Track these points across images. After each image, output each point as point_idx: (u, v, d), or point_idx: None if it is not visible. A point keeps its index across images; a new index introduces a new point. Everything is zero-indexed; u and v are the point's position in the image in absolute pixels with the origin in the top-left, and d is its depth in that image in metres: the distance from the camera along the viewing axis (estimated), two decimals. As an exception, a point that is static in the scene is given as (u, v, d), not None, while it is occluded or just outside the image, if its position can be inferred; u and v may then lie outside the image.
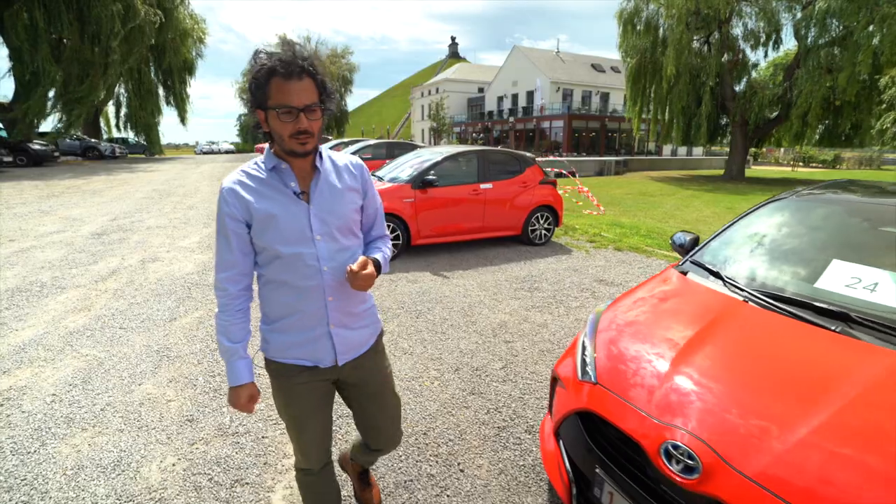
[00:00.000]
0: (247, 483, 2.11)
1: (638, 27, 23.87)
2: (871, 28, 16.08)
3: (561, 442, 1.84)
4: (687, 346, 1.71)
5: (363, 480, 1.94)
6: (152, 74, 29.60)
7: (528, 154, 7.29)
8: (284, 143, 1.23)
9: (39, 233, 7.03)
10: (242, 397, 1.36)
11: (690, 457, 1.32)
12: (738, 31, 22.52)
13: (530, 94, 41.89)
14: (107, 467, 2.18)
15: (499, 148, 7.54)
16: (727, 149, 26.52)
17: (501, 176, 6.52)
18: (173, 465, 2.21)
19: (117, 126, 31.93)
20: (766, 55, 23.37)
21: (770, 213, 2.57)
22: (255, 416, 2.59)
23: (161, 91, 31.07)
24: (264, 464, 2.23)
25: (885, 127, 16.90)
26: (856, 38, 16.64)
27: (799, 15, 20.33)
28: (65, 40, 20.05)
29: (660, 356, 1.70)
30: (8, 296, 4.35)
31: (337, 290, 1.36)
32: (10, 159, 18.01)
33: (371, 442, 1.65)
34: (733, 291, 2.02)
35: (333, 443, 2.28)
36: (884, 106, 16.70)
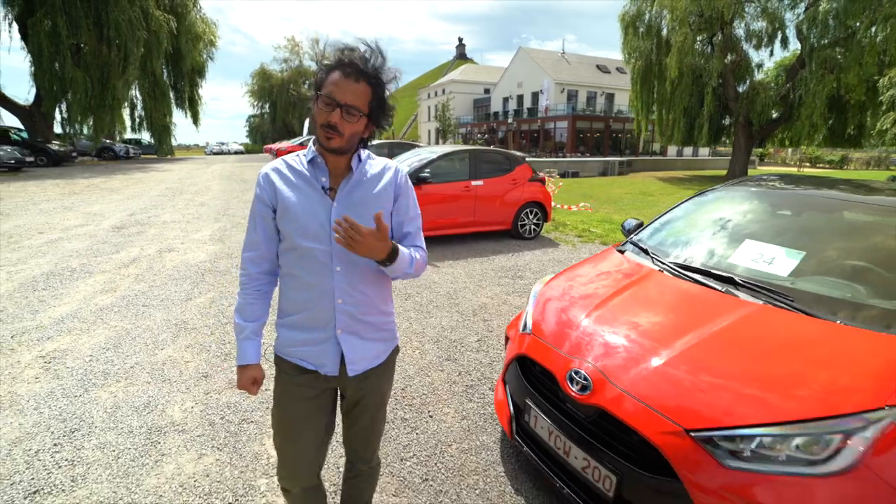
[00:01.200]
0: (252, 421, 2.57)
1: (640, 29, 24.09)
2: (873, 29, 16.23)
3: (507, 386, 2.28)
4: (601, 302, 2.14)
5: None
6: (165, 77, 30.39)
7: (519, 153, 7.72)
8: (316, 131, 1.27)
9: (65, 226, 7.59)
10: (245, 378, 1.35)
11: (585, 379, 1.75)
12: (741, 31, 22.66)
13: (535, 95, 42.20)
14: (138, 407, 2.65)
15: (491, 147, 7.96)
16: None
17: (492, 174, 6.95)
18: (192, 407, 2.68)
19: (132, 128, 32.82)
20: (771, 54, 23.54)
21: (702, 201, 2.98)
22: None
23: (172, 93, 31.86)
24: (266, 408, 2.68)
25: (884, 127, 17.06)
26: (858, 37, 16.80)
27: (802, 16, 20.47)
28: (83, 45, 20.76)
29: (579, 310, 2.13)
30: (44, 279, 4.86)
31: (348, 293, 1.31)
32: (31, 159, 18.76)
33: (351, 451, 1.57)
34: (655, 263, 2.44)
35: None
36: (883, 107, 16.87)
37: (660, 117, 24.96)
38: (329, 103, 1.20)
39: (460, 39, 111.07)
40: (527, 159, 7.62)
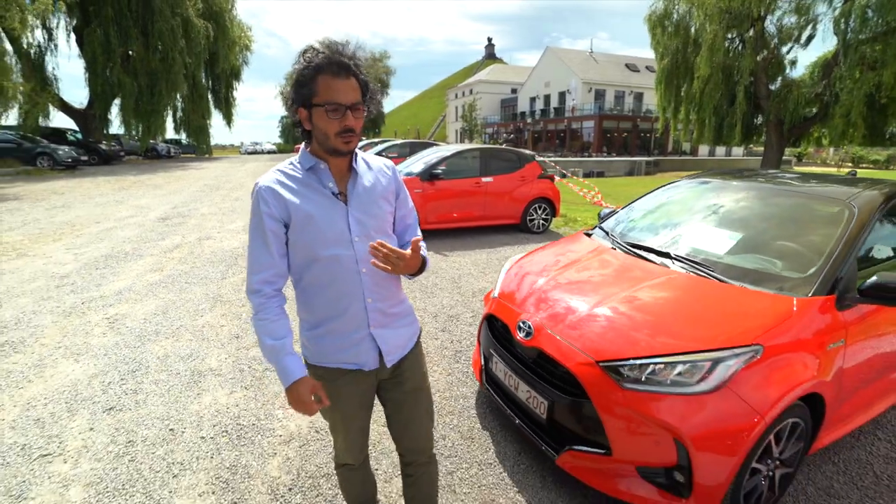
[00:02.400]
0: (272, 369, 3.11)
1: (668, 28, 23.82)
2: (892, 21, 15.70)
3: (480, 342, 2.73)
4: (557, 272, 2.57)
5: None
6: (203, 80, 31.99)
7: (528, 151, 8.11)
8: (329, 142, 1.23)
9: (117, 217, 8.47)
10: (304, 391, 1.26)
11: (529, 327, 2.20)
12: (773, 28, 22.10)
13: (562, 95, 42.08)
14: (183, 357, 3.24)
15: (502, 146, 8.36)
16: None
17: (502, 171, 7.37)
18: (225, 358, 3.25)
19: (175, 129, 34.69)
20: (805, 48, 22.67)
21: (664, 191, 3.35)
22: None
23: (210, 96, 33.47)
24: (286, 361, 3.23)
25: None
26: (893, 27, 16.26)
27: (838, 10, 19.85)
28: (131, 53, 22.25)
29: (536, 277, 2.57)
30: (103, 260, 5.62)
31: (375, 292, 1.35)
32: (85, 158, 20.32)
33: (403, 445, 1.58)
34: (612, 243, 2.84)
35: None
36: (921, 104, 16.26)
37: (687, 116, 24.59)
38: (336, 109, 1.19)
39: (489, 39, 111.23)
40: (552, 159, 7.99)
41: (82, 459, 2.24)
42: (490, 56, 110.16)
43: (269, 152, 47.13)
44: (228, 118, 34.22)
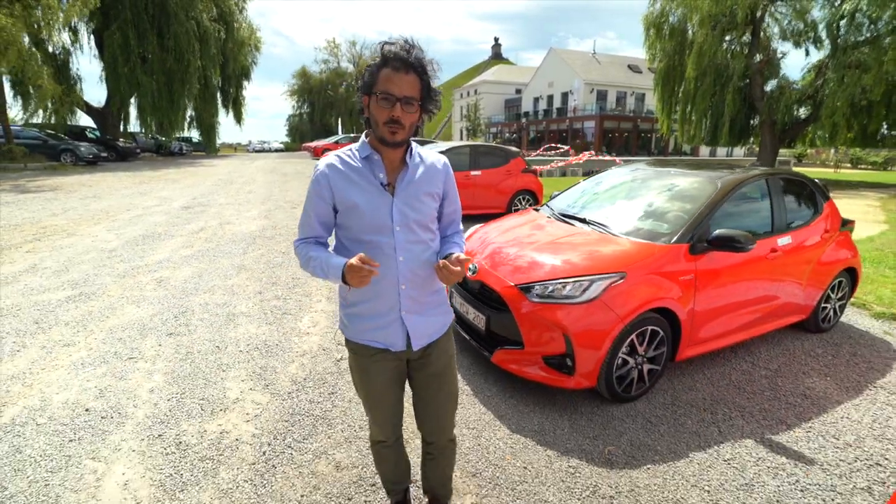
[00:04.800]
0: (289, 314, 4.00)
1: (664, 31, 24.42)
2: (882, 27, 16.36)
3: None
4: (503, 232, 3.43)
5: None
6: (214, 80, 33.07)
7: (514, 148, 8.97)
8: (378, 129, 1.33)
9: (145, 206, 9.43)
10: (354, 268, 1.26)
11: (475, 267, 3.07)
12: (772, 30, 22.63)
13: (565, 95, 42.81)
14: (220, 304, 4.15)
15: (491, 143, 9.21)
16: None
17: (489, 165, 8.24)
18: (253, 306, 4.15)
19: (185, 127, 35.80)
20: (806, 53, 23.16)
21: (603, 175, 4.21)
22: (294, 292, 4.48)
23: (220, 95, 34.53)
24: (299, 308, 4.12)
25: (904, 127, 17.09)
26: (882, 34, 16.92)
27: (831, 14, 20.44)
28: (148, 55, 23.31)
29: (488, 236, 3.44)
30: (141, 239, 6.56)
31: (409, 280, 1.43)
32: (105, 155, 21.42)
33: (426, 427, 1.67)
34: (551, 214, 3.71)
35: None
36: (905, 106, 16.91)
37: (682, 117, 25.22)
38: (388, 99, 1.28)
39: (496, 39, 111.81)
40: (554, 157, 8.84)
41: (158, 360, 3.14)
42: (496, 56, 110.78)
43: (276, 150, 48.25)
44: (238, 117, 35.17)
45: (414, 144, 1.46)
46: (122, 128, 26.86)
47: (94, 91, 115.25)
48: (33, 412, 2.56)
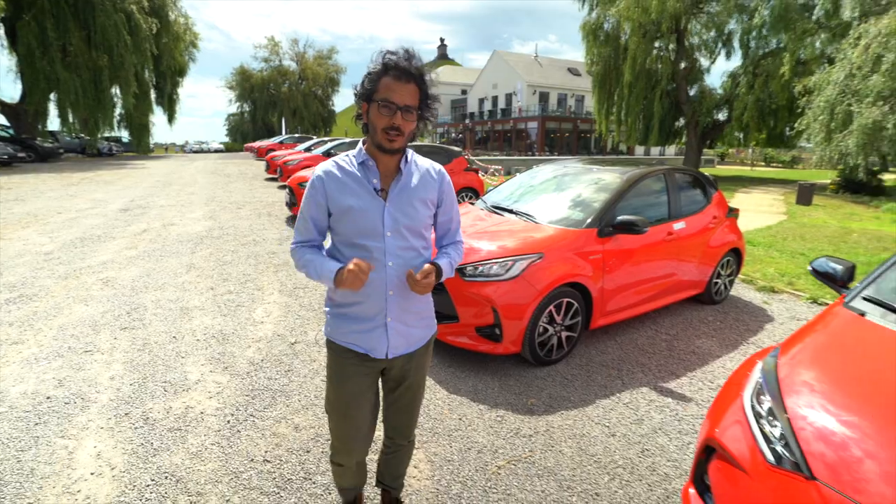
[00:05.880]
0: (243, 306, 4.19)
1: (600, 37, 25.86)
2: (783, 42, 18.46)
3: None
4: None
5: None
6: (146, 76, 31.29)
7: (456, 148, 9.44)
8: (377, 136, 1.35)
9: (78, 209, 9.02)
10: (348, 270, 1.30)
11: None
12: (694, 39, 24.60)
13: (509, 97, 44.13)
14: (172, 300, 4.26)
15: (436, 143, 9.63)
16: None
17: (434, 164, 8.63)
18: (206, 301, 4.29)
19: (113, 126, 33.55)
20: (713, 62, 25.37)
21: (533, 170, 4.72)
22: (247, 287, 4.66)
23: (154, 93, 32.71)
24: (252, 301, 4.31)
25: (801, 129, 19.30)
26: (782, 47, 19.02)
27: (742, 28, 22.61)
28: (70, 47, 21.76)
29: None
30: (79, 241, 6.38)
31: (397, 286, 1.42)
32: (22, 155, 19.79)
33: (390, 427, 1.69)
34: (484, 207, 4.14)
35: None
36: (800, 111, 19.10)
37: (618, 119, 26.86)
38: (389, 107, 1.31)
39: (442, 40, 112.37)
40: (499, 158, 9.32)
41: (115, 352, 3.27)
42: (443, 57, 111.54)
43: (216, 151, 46.22)
44: (171, 115, 33.49)
45: (410, 151, 1.49)
46: (40, 126, 24.84)
47: (7, 86, 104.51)
48: (-8, 403, 2.65)
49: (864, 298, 1.94)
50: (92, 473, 2.13)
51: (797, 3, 18.05)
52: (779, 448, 1.40)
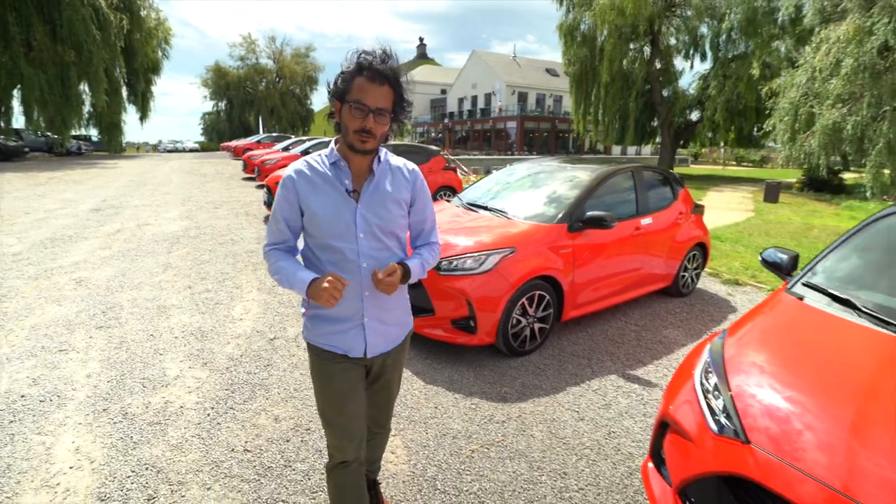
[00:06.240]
0: (221, 304, 4.20)
1: (577, 38, 26.25)
2: (751, 46, 19.15)
3: None
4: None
5: (374, 497, 1.89)
6: (117, 73, 30.42)
7: (434, 147, 9.54)
8: (348, 137, 1.34)
9: (47, 209, 8.78)
10: (321, 283, 1.29)
11: None
12: (670, 41, 25.19)
13: (488, 97, 44.43)
14: (150, 299, 4.24)
15: (415, 143, 9.71)
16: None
17: (413, 163, 8.71)
18: (183, 299, 4.29)
19: (82, 124, 32.52)
20: (692, 66, 26.15)
21: (508, 168, 4.85)
22: (225, 285, 4.66)
23: (126, 90, 31.84)
24: (231, 299, 4.32)
25: (768, 130, 20.07)
26: (749, 51, 19.71)
27: (712, 32, 23.30)
28: (34, 42, 21.01)
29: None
30: (49, 241, 6.25)
31: (373, 287, 1.41)
32: (-15, 154, 19.06)
33: (370, 418, 1.67)
34: (460, 204, 4.25)
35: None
36: (767, 112, 19.85)
37: (595, 119, 27.33)
38: (361, 109, 1.29)
39: (421, 39, 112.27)
40: (480, 157, 9.45)
41: (91, 350, 3.26)
42: (422, 56, 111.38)
43: (191, 150, 45.20)
44: (145, 114, 32.69)
45: (383, 151, 1.48)
46: (3, 124, 23.91)
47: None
48: (-36, 403, 2.63)
49: (804, 284, 2.12)
50: (71, 467, 2.15)
51: (763, 9, 18.71)
52: (722, 419, 1.55)
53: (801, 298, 2.04)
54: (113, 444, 2.31)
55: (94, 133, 33.59)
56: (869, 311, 1.81)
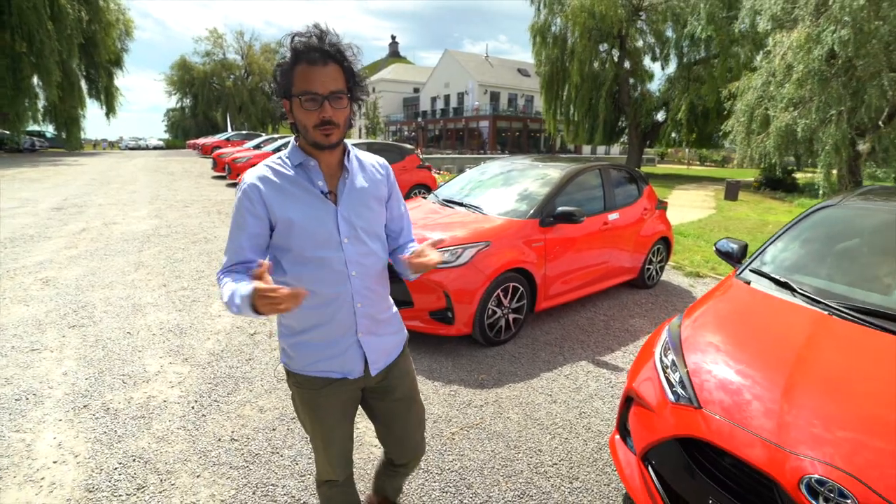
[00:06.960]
0: (198, 301, 4.19)
1: (548, 39, 26.72)
2: (712, 49, 20.00)
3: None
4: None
5: None
6: (74, 66, 29.08)
7: (409, 146, 9.63)
8: (309, 134, 1.18)
9: (2, 207, 8.40)
10: (261, 293, 0.99)
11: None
12: (638, 43, 25.94)
13: (461, 96, 44.69)
14: (123, 298, 4.18)
15: (389, 141, 9.77)
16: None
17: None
18: (159, 297, 4.25)
19: (35, 119, 30.92)
20: (663, 67, 26.80)
21: (483, 165, 5.00)
22: (201, 283, 4.64)
23: (85, 84, 30.49)
24: (208, 296, 4.31)
25: (727, 130, 21.06)
26: (713, 54, 20.58)
27: (675, 35, 24.16)
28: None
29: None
30: (9, 241, 6.02)
31: (364, 296, 1.30)
32: (-72, 151, 17.91)
33: (395, 454, 1.56)
34: (436, 200, 4.37)
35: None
36: (727, 114, 20.82)
37: (566, 119, 27.91)
38: (314, 99, 1.13)
39: (393, 37, 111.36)
40: (452, 155, 9.54)
41: (65, 349, 3.22)
42: (394, 54, 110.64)
43: (155, 148, 43.63)
44: (110, 109, 31.42)
45: (349, 145, 1.33)
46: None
47: None
48: (-66, 403, 2.58)
49: (751, 270, 2.34)
50: (55, 462, 2.16)
51: (723, 15, 19.54)
52: (679, 389, 1.74)
53: (748, 283, 2.26)
54: (97, 439, 2.32)
55: (49, 129, 32.04)
56: (804, 293, 2.03)
